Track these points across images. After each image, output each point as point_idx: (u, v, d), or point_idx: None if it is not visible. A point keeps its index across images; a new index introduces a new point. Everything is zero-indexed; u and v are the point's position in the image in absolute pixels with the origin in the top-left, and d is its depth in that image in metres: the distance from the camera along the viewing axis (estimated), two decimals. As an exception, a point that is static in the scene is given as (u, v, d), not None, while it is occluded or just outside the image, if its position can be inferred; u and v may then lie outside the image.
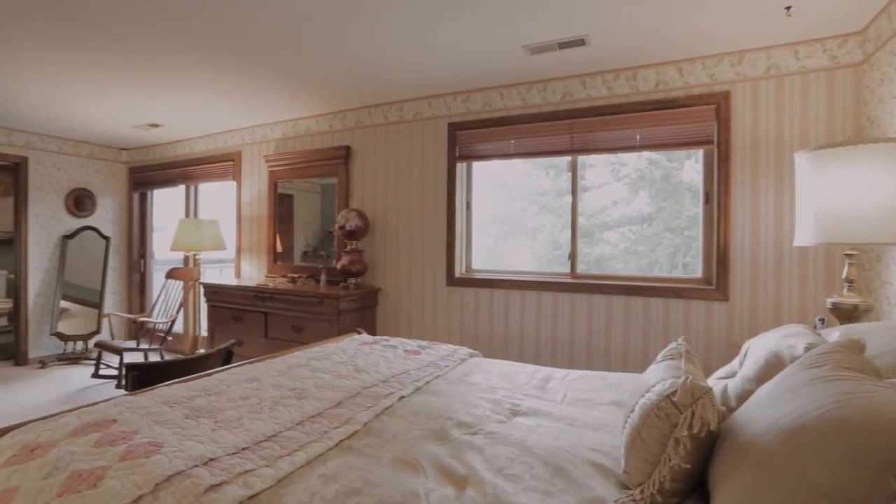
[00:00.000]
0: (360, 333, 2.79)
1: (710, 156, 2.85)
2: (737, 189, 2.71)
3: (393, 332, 3.69)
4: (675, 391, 1.11)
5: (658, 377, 1.26)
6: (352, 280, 3.63)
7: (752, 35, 2.48)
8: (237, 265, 4.76)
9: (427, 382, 1.97)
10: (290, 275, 4.14)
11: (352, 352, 2.26)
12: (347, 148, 3.94)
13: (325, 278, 3.80)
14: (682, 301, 2.82)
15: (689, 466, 1.03)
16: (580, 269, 3.25)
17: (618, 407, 1.73)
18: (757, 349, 1.50)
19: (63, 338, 5.09)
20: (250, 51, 2.75)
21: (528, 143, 3.26)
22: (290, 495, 1.14)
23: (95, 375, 4.33)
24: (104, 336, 5.24)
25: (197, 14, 2.32)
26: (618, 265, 3.54)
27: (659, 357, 1.48)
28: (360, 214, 3.61)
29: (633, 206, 3.61)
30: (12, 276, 5.30)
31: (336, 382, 1.83)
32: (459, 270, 3.55)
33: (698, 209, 3.02)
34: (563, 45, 2.63)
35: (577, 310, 3.09)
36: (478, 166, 3.64)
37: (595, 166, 3.56)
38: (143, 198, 5.79)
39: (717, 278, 2.75)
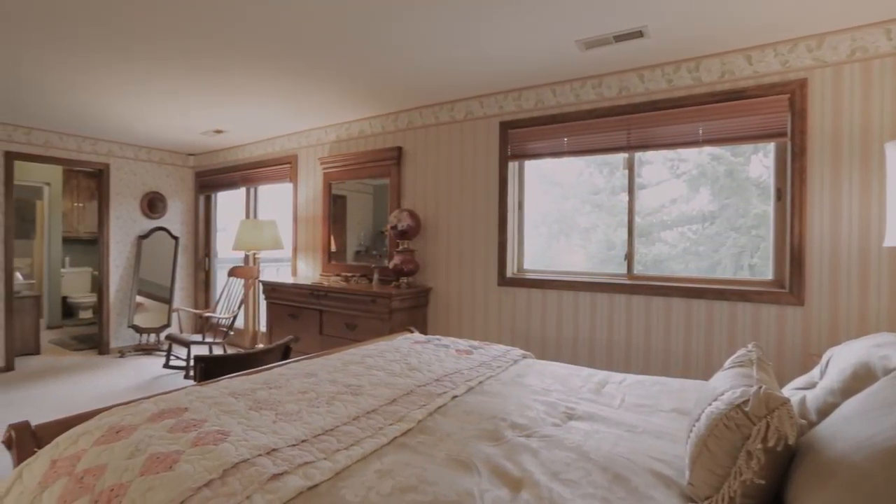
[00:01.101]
0: (412, 332, 2.82)
1: (783, 149, 2.66)
2: (814, 184, 2.51)
3: (444, 332, 3.70)
4: (747, 400, 1.04)
5: (727, 385, 1.19)
6: (403, 279, 3.68)
7: (833, 15, 2.29)
8: (293, 264, 4.94)
9: (480, 383, 1.96)
10: (343, 274, 4.26)
11: (405, 350, 2.29)
12: (399, 149, 4.00)
13: (378, 277, 3.87)
14: (751, 305, 2.65)
15: (763, 482, 0.96)
16: (637, 269, 3.13)
17: (680, 415, 1.65)
18: (842, 359, 1.38)
19: (138, 330, 5.50)
20: (307, 57, 2.85)
21: (582, 141, 3.18)
22: (348, 488, 1.16)
23: (166, 366, 4.64)
24: (173, 329, 5.61)
25: (259, 25, 2.42)
26: (677, 266, 3.39)
27: (727, 364, 1.40)
28: (412, 214, 3.65)
29: (694, 205, 3.44)
30: (96, 272, 5.79)
31: (390, 380, 1.86)
32: (511, 270, 3.51)
33: (767, 207, 2.84)
34: (620, 37, 2.54)
35: (634, 312, 2.98)
36: (529, 165, 3.59)
37: (652, 163, 3.41)
38: (207, 200, 6.14)
39: (791, 281, 2.56)
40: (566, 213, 3.82)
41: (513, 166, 3.52)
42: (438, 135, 3.81)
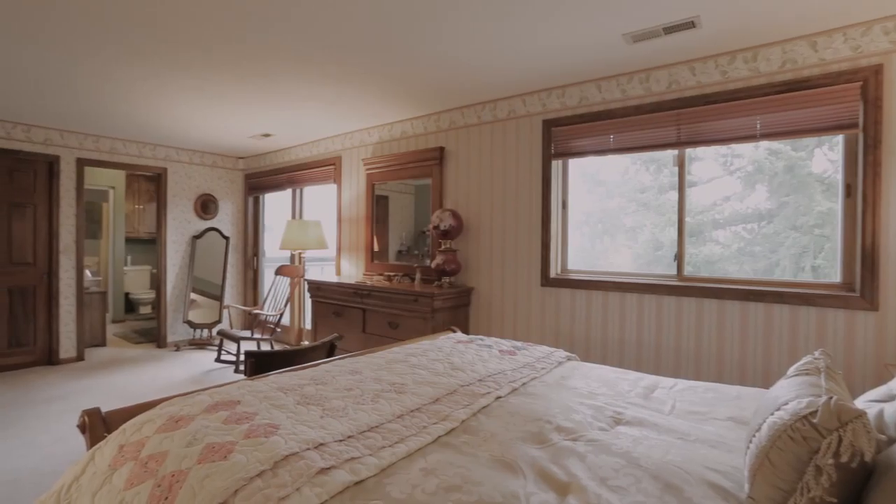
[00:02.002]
0: (454, 332, 2.82)
1: (853, 141, 2.48)
2: (889, 179, 2.32)
3: (486, 332, 3.69)
4: (816, 411, 0.97)
5: (791, 394, 1.12)
6: (446, 279, 3.69)
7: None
8: (337, 263, 5.06)
9: (523, 384, 1.94)
10: (386, 273, 4.32)
11: (447, 350, 2.29)
12: (441, 149, 4.02)
13: (420, 277, 3.90)
14: (815, 309, 2.49)
15: (834, 501, 0.89)
16: (687, 270, 3.01)
17: (737, 424, 1.56)
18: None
19: (193, 325, 5.78)
20: (350, 60, 2.91)
21: (629, 138, 3.08)
22: (393, 485, 1.17)
23: (218, 360, 4.85)
24: (224, 325, 5.86)
25: (304, 31, 2.49)
26: (730, 267, 3.22)
27: (790, 371, 1.32)
28: (454, 214, 3.65)
29: (749, 202, 3.26)
30: (155, 271, 6.13)
31: (433, 379, 1.87)
32: (555, 271, 3.45)
33: (834, 204, 2.65)
34: (670, 29, 2.44)
35: (684, 314, 2.86)
36: (573, 163, 3.52)
37: (703, 159, 3.27)
38: (255, 201, 6.38)
39: (863, 284, 2.38)
40: (611, 212, 3.71)
41: (556, 165, 3.46)
42: (481, 134, 3.80)
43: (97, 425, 1.43)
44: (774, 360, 2.58)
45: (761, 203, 3.20)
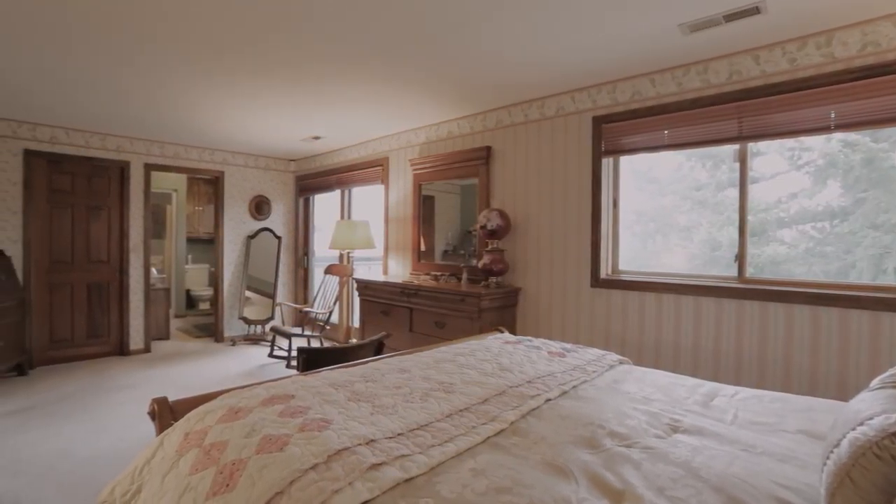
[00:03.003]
0: (502, 332, 2.79)
1: (941, 133, 2.26)
2: (983, 174, 2.10)
3: (533, 333, 3.63)
4: (907, 427, 0.89)
5: (876, 408, 1.03)
6: (492, 279, 3.66)
7: None
8: (384, 262, 5.14)
9: (574, 387, 1.89)
10: (433, 273, 4.34)
11: (495, 350, 2.27)
12: (488, 148, 4.00)
13: (467, 277, 3.89)
14: (896, 315, 2.28)
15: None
16: (749, 272, 2.84)
17: (810, 438, 1.46)
18: None
19: (247, 321, 6.04)
20: (399, 61, 2.94)
21: (684, 133, 2.95)
22: (443, 483, 1.17)
23: (270, 355, 5.04)
24: (277, 322, 6.08)
25: (353, 33, 2.54)
26: (797, 269, 3.01)
27: (874, 383, 1.21)
28: (501, 214, 3.62)
29: (819, 199, 3.04)
30: (213, 269, 6.46)
31: (481, 379, 1.85)
32: (605, 271, 3.35)
33: (919, 201, 2.42)
34: (731, 16, 2.31)
35: (746, 319, 2.70)
36: (623, 160, 3.41)
37: (766, 153, 3.07)
38: (306, 202, 6.59)
39: (951, 288, 2.17)
40: (664, 210, 3.56)
41: (606, 162, 3.36)
42: (528, 133, 3.75)
43: (165, 413, 1.52)
44: (851, 370, 2.39)
45: (833, 199, 2.97)
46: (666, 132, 3.02)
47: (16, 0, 2.21)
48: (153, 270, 6.08)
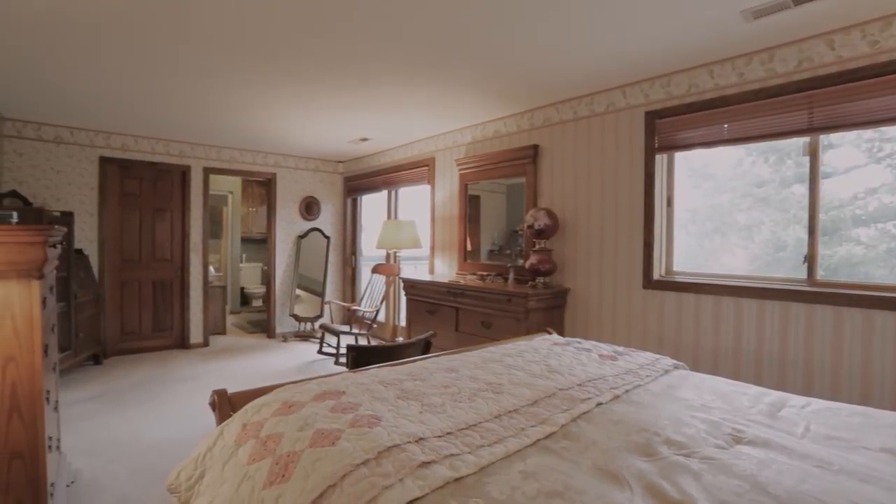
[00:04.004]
0: (550, 333, 2.74)
1: None
2: None
3: (582, 334, 3.54)
4: None
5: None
6: (540, 279, 3.60)
7: None
8: (431, 262, 5.17)
9: (626, 391, 1.83)
10: (479, 272, 4.33)
11: (544, 351, 2.23)
12: (535, 147, 3.94)
13: (513, 277, 3.85)
14: None
15: None
16: (819, 274, 2.64)
17: (895, 457, 1.33)
18: None
19: (297, 319, 6.25)
20: (443, 62, 2.95)
21: (747, 126, 2.78)
22: (493, 485, 1.16)
23: (320, 352, 5.19)
24: (325, 319, 6.25)
25: (402, 34, 2.56)
26: (877, 271, 2.77)
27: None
28: (549, 213, 3.56)
29: (902, 195, 2.78)
30: (265, 267, 6.73)
31: (530, 381, 1.82)
32: (659, 272, 3.22)
33: None
34: None
35: (817, 324, 2.51)
36: (678, 157, 3.26)
37: (840, 146, 2.85)
38: (354, 202, 6.73)
39: None
40: (722, 208, 3.38)
41: (660, 159, 3.23)
42: (577, 130, 3.66)
43: (224, 404, 1.59)
44: (938, 381, 2.18)
45: (919, 195, 2.72)
46: (726, 126, 2.87)
47: (95, 23, 2.39)
48: (210, 269, 6.41)
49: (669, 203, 3.26)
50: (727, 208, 3.34)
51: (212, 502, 1.30)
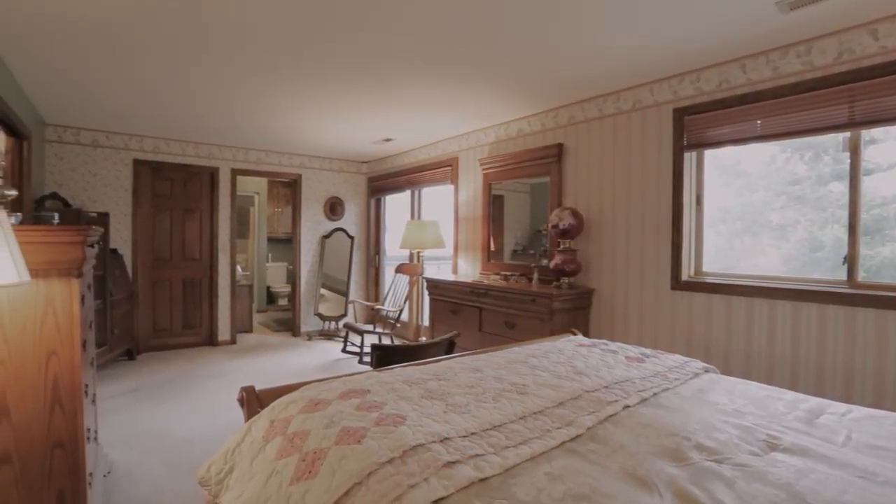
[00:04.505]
0: (575, 334, 2.71)
1: None
2: None
3: (608, 336, 3.49)
4: None
5: None
6: (564, 280, 3.56)
7: None
8: (454, 262, 5.17)
9: (654, 394, 1.79)
10: (502, 272, 4.30)
11: (569, 353, 2.20)
12: (560, 146, 3.89)
13: (538, 277, 3.82)
14: None
15: None
16: (861, 276, 2.53)
17: (945, 467, 1.27)
18: None
19: (322, 318, 6.33)
20: (467, 61, 2.94)
21: (782, 122, 2.69)
22: (519, 486, 1.15)
23: (344, 350, 5.25)
24: (349, 318, 6.32)
25: (424, 33, 2.57)
26: (922, 273, 2.64)
27: None
28: (574, 213, 3.51)
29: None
30: (290, 267, 6.84)
31: (555, 382, 1.80)
32: (687, 273, 3.14)
33: None
34: (842, -10, 2.07)
35: (858, 328, 2.41)
36: (707, 154, 3.18)
37: (883, 141, 2.72)
38: (377, 203, 6.78)
39: None
40: (753, 207, 3.27)
41: (689, 157, 3.15)
42: (602, 128, 3.60)
43: (253, 401, 1.62)
44: None
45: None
46: (759, 122, 2.78)
47: (129, 34, 2.47)
48: (238, 268, 6.54)
49: (699, 202, 3.18)
50: (759, 207, 3.24)
51: (241, 496, 1.33)
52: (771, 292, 2.71)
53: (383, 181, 6.38)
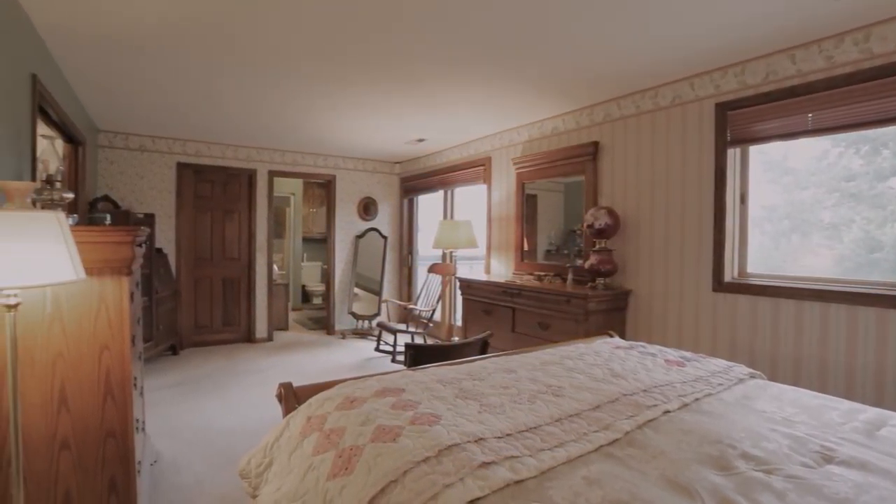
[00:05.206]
0: (612, 336, 2.64)
1: None
2: None
3: (645, 338, 3.39)
4: None
5: None
6: (600, 280, 3.49)
7: None
8: (487, 262, 5.14)
9: (696, 399, 1.72)
10: (536, 273, 4.25)
11: (606, 355, 2.15)
12: (595, 144, 3.81)
13: (572, 277, 3.75)
14: None
15: None
16: (923, 278, 2.37)
17: None
18: None
19: (356, 316, 6.42)
20: (499, 61, 2.91)
21: (836, 115, 2.54)
22: (555, 489, 1.13)
23: (377, 349, 5.30)
24: (382, 317, 6.38)
25: (457, 34, 2.56)
26: None
27: None
28: (610, 212, 3.43)
29: None
30: (325, 266, 6.96)
31: (592, 385, 1.76)
32: (730, 274, 3.02)
33: None
34: (903, -27, 1.94)
35: (920, 334, 2.26)
36: (752, 150, 3.04)
37: (950, 135, 2.54)
38: (410, 203, 6.82)
39: None
40: (803, 205, 3.11)
41: (732, 153, 3.03)
42: (640, 125, 3.51)
43: (290, 397, 1.66)
44: None
45: None
46: (810, 115, 2.64)
47: (173, 45, 2.58)
48: (274, 267, 6.71)
49: (743, 200, 3.05)
50: (809, 205, 3.08)
51: (279, 489, 1.36)
52: (823, 295, 2.57)
53: (416, 181, 6.41)
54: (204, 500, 2.27)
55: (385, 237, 6.67)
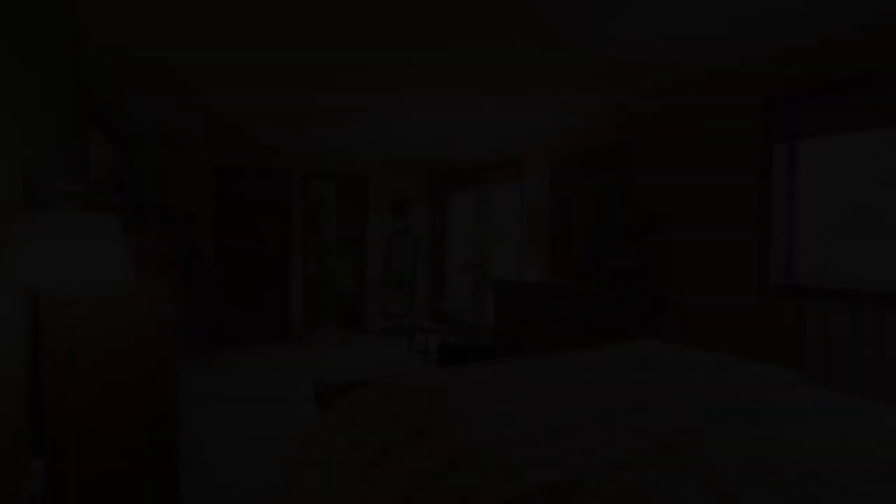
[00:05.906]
0: (648, 339, 2.57)
1: None
2: None
3: (684, 341, 3.27)
4: None
5: None
6: (636, 281, 3.39)
7: None
8: (520, 262, 5.09)
9: (740, 407, 1.64)
10: (569, 273, 4.18)
11: (643, 358, 2.09)
12: (632, 142, 3.72)
13: (607, 278, 3.67)
14: None
15: None
16: None
17: None
18: None
19: (388, 315, 6.48)
20: (536, 62, 2.87)
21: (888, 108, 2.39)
22: (593, 497, 1.09)
23: (409, 348, 5.33)
24: (414, 316, 6.42)
25: (493, 39, 2.54)
26: None
27: None
28: (647, 212, 3.34)
29: None
30: (358, 265, 7.06)
31: (629, 389, 1.71)
32: (776, 276, 2.88)
33: None
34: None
35: None
36: (804, 144, 2.89)
37: None
38: (442, 203, 6.83)
39: None
40: (858, 203, 2.93)
41: (779, 149, 2.89)
42: (679, 122, 3.39)
43: (325, 394, 1.68)
44: None
45: None
46: (861, 109, 2.48)
47: (215, 61, 2.66)
48: (308, 266, 6.85)
49: (790, 198, 2.90)
50: (866, 202, 2.89)
51: (318, 482, 1.38)
52: (883, 299, 2.42)
53: (448, 182, 6.42)
54: (236, 496, 2.33)
55: (417, 237, 6.70)
